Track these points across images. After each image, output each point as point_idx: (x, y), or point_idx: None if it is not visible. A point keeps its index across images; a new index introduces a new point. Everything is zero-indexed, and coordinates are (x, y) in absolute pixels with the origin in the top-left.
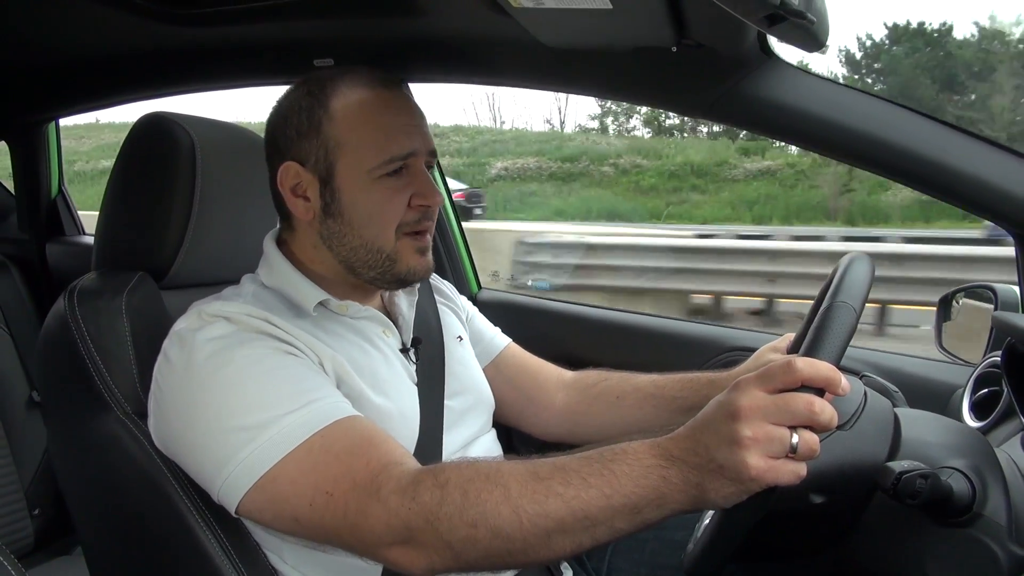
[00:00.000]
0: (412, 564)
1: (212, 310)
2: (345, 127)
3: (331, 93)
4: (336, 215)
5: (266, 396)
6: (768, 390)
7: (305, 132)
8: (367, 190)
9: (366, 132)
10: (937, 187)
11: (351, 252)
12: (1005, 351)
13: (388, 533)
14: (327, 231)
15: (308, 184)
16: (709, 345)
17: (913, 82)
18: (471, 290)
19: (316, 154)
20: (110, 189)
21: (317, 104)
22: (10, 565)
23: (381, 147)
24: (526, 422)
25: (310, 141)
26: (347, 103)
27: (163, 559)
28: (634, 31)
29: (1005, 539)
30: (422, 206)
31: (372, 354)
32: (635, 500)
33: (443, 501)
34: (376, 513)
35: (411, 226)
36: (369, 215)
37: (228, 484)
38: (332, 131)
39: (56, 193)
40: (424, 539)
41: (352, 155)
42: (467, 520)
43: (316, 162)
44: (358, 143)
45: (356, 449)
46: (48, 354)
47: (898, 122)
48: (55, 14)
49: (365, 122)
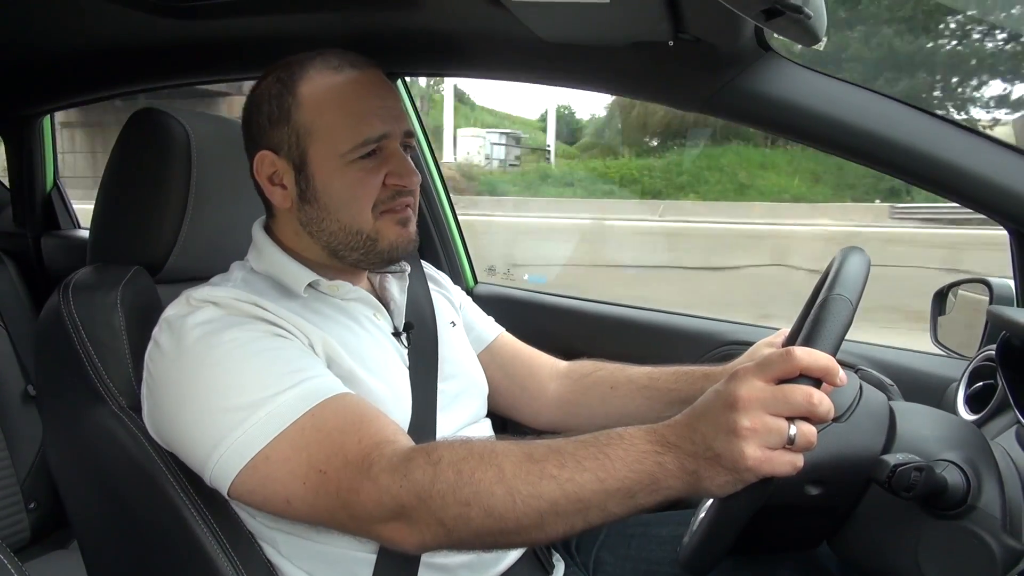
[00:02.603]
0: (404, 540)
1: (200, 295)
2: (314, 112)
3: (299, 79)
4: (312, 201)
5: (256, 377)
6: (767, 380)
7: (276, 120)
8: (341, 174)
9: (336, 116)
10: (933, 182)
11: (331, 236)
12: (1000, 345)
13: (379, 510)
14: (306, 217)
15: (283, 172)
16: (705, 339)
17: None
18: (467, 285)
19: (288, 141)
20: (105, 183)
21: (286, 91)
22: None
23: (352, 131)
24: (519, 411)
25: (281, 129)
26: (315, 88)
27: (158, 552)
28: (631, 25)
29: (999, 531)
30: (396, 185)
31: (362, 335)
32: (629, 484)
33: (436, 479)
34: (367, 491)
35: (387, 203)
36: (344, 199)
37: (220, 465)
38: (301, 117)
39: (51, 187)
40: (416, 516)
41: (323, 140)
42: (460, 499)
43: (289, 149)
44: (329, 128)
45: (348, 427)
46: (43, 348)
47: (896, 117)
48: (49, 8)
49: (334, 106)
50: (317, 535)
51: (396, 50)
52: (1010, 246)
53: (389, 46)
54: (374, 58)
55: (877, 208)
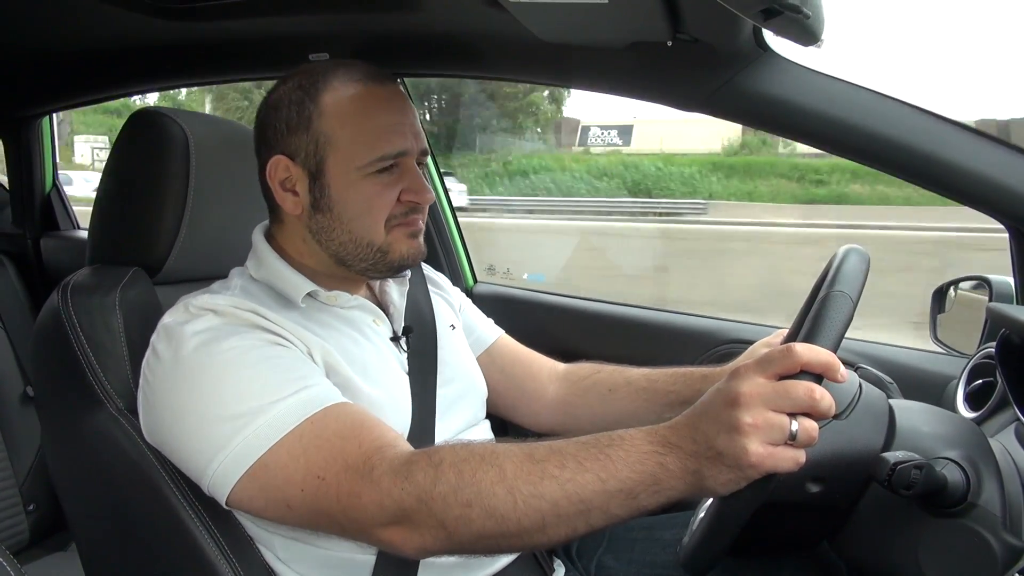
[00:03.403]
0: (405, 544)
1: (199, 303)
2: (336, 123)
3: (322, 88)
4: (325, 210)
5: (255, 385)
6: (768, 376)
7: (295, 126)
8: (357, 186)
9: (357, 129)
10: (932, 180)
11: (340, 247)
12: (999, 342)
13: (381, 513)
14: (316, 225)
15: (297, 178)
16: (704, 338)
17: None
18: (467, 284)
19: (306, 149)
20: (104, 184)
21: (308, 98)
22: (5, 561)
23: (372, 145)
24: (518, 413)
25: (300, 136)
26: (338, 99)
27: (157, 555)
28: (629, 25)
29: (999, 529)
30: (411, 202)
31: (363, 344)
32: (631, 485)
33: (437, 480)
34: (369, 494)
35: (400, 218)
36: (358, 211)
37: (219, 473)
38: (323, 126)
39: (50, 187)
40: (418, 519)
41: (343, 151)
42: (461, 500)
43: (306, 157)
44: (349, 140)
45: (348, 432)
46: (41, 349)
47: (895, 116)
48: (50, 9)
49: (356, 119)
50: (316, 539)
51: (396, 51)
52: (1009, 244)
53: (388, 47)
54: (373, 59)
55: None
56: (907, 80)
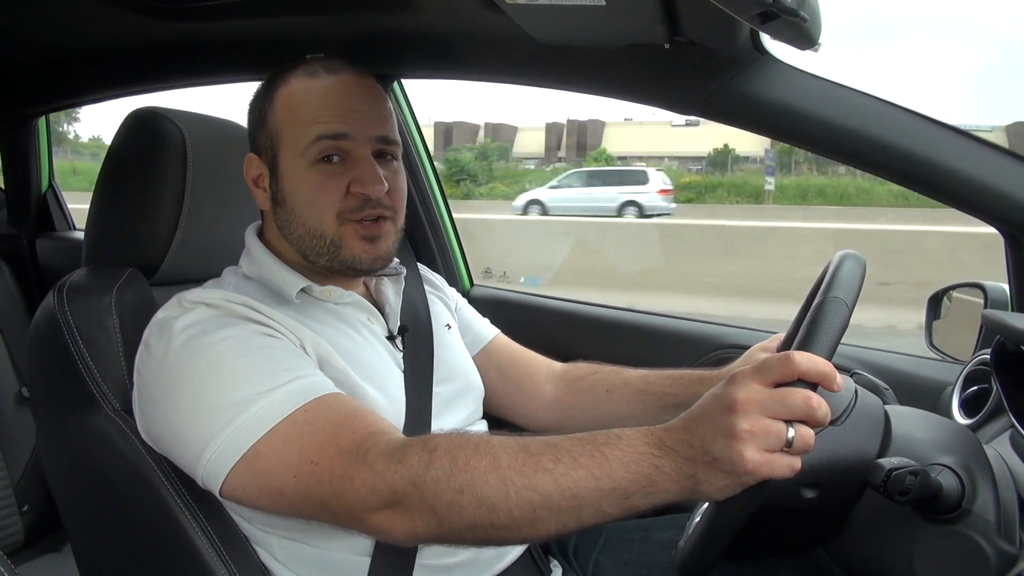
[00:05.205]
0: (395, 529)
1: (193, 297)
2: (284, 113)
3: (279, 84)
4: (282, 203)
5: (248, 375)
6: (765, 383)
7: (256, 123)
8: (302, 176)
9: (297, 116)
10: (928, 185)
11: (299, 240)
12: (995, 349)
13: (372, 496)
14: (279, 219)
15: (264, 175)
16: (701, 342)
17: None
18: (463, 287)
19: (264, 144)
20: (100, 184)
21: (265, 95)
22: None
23: (307, 127)
24: (515, 412)
25: (260, 131)
26: (289, 91)
27: (152, 556)
28: (627, 28)
29: (993, 535)
30: (361, 194)
31: (356, 340)
32: (625, 485)
33: (431, 465)
34: (362, 476)
35: (353, 213)
36: (306, 202)
37: (212, 463)
38: (274, 119)
39: (46, 188)
40: (409, 503)
41: (287, 141)
42: (454, 486)
43: (265, 152)
44: (291, 128)
45: (341, 420)
46: (37, 350)
47: (892, 120)
48: (45, 9)
49: (298, 107)
50: (312, 539)
51: (391, 52)
52: (1004, 249)
53: (384, 48)
54: (369, 61)
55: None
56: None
